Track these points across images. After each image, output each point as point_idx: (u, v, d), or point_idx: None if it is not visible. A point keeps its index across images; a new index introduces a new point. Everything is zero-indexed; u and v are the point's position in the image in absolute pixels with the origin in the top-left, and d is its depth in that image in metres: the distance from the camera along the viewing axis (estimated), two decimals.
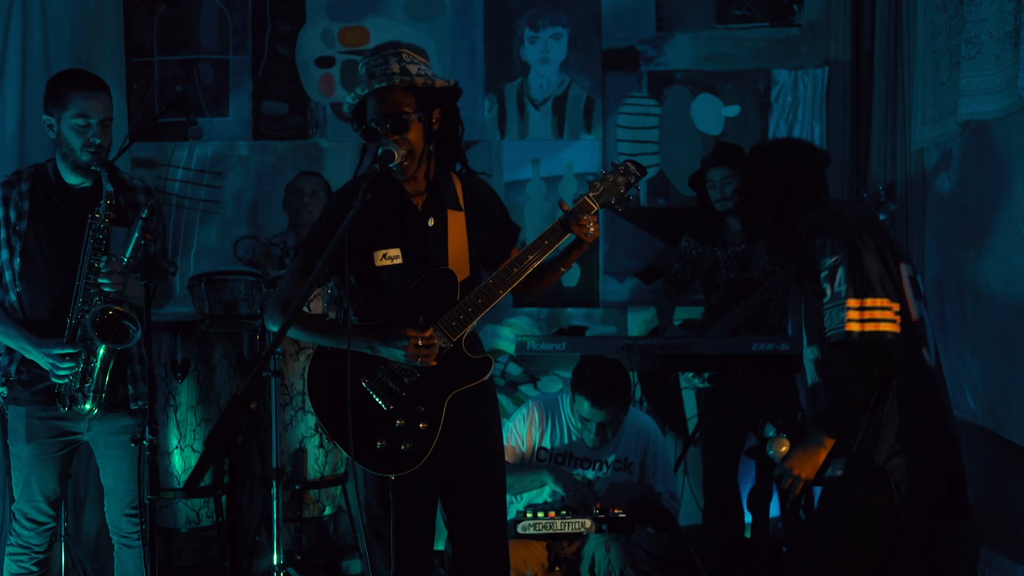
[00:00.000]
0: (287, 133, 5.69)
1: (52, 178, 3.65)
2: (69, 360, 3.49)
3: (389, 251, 3.03)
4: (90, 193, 3.63)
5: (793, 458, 3.09)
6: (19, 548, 3.66)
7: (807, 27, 5.60)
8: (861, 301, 2.99)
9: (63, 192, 3.63)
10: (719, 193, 4.82)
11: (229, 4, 5.66)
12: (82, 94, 3.55)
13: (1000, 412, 3.94)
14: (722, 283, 4.88)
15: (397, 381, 2.99)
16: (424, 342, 2.91)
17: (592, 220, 3.01)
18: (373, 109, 3.00)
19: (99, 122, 3.56)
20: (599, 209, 3.05)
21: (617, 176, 3.07)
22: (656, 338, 4.87)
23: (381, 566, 3.04)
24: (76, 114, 3.53)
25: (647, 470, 4.41)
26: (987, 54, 3.91)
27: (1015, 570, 3.94)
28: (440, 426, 2.96)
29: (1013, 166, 3.85)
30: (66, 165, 3.61)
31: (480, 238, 3.15)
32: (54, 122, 3.58)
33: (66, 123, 3.55)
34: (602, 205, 3.05)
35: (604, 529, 4.10)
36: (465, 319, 2.97)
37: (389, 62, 2.98)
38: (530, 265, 3.01)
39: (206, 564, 5.26)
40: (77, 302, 3.51)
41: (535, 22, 5.68)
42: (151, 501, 3.38)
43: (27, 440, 3.60)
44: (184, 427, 4.28)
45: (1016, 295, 3.81)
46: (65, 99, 3.55)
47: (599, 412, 4.24)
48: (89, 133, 3.54)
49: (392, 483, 2.95)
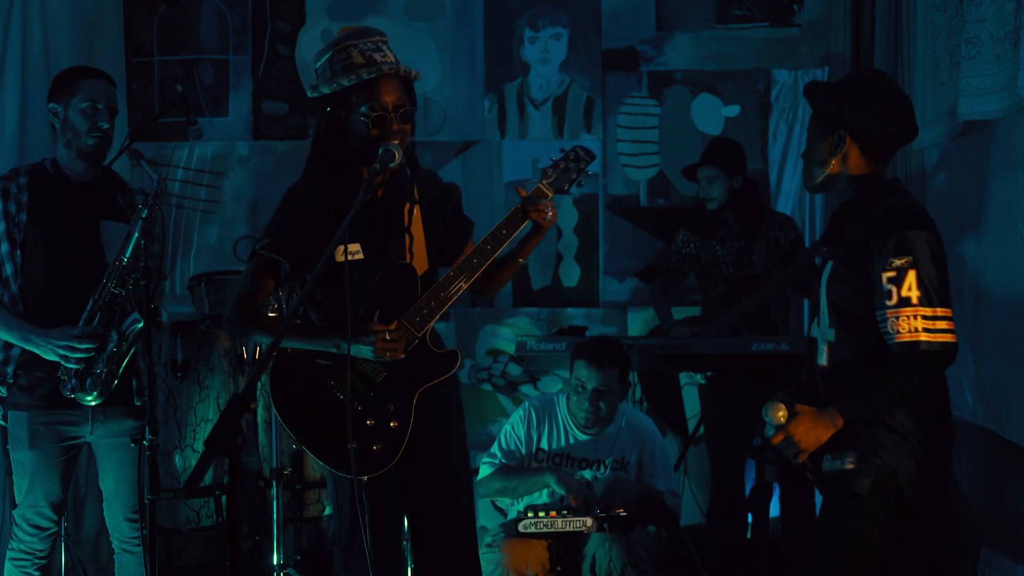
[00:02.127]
0: (287, 133, 5.68)
1: (51, 172, 3.65)
2: (87, 341, 3.49)
3: (350, 246, 2.92)
4: (88, 186, 3.64)
5: (799, 425, 2.96)
6: (21, 554, 3.63)
7: (807, 27, 5.60)
8: (933, 311, 2.88)
9: (63, 185, 3.64)
10: (704, 192, 4.84)
11: (229, 4, 5.66)
12: (91, 82, 3.63)
13: (1000, 412, 3.94)
14: (720, 279, 4.87)
15: (364, 380, 2.93)
16: (391, 336, 2.85)
17: (549, 205, 3.01)
18: (373, 95, 2.91)
19: (106, 107, 3.61)
20: (553, 196, 3.05)
21: (568, 162, 3.08)
22: (656, 338, 4.87)
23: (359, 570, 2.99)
24: (85, 98, 3.58)
25: (645, 469, 4.41)
26: (987, 54, 3.91)
27: (1015, 570, 3.94)
28: (411, 424, 2.91)
29: (1013, 166, 3.85)
30: (70, 152, 3.62)
31: (435, 232, 3.11)
32: (60, 109, 3.61)
33: (74, 108, 3.59)
34: (556, 191, 3.06)
35: (605, 528, 4.10)
36: (429, 313, 2.92)
37: (383, 51, 2.95)
38: (490, 255, 2.97)
39: (206, 564, 5.26)
40: (109, 285, 3.51)
41: (535, 22, 5.68)
42: (151, 501, 3.37)
43: (30, 446, 3.59)
44: (184, 427, 4.28)
45: (1016, 295, 3.81)
46: (75, 85, 3.61)
47: (596, 374, 4.24)
48: (97, 118, 3.58)
49: (364, 485, 2.88)
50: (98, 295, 3.52)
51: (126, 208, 3.64)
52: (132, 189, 3.72)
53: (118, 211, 3.65)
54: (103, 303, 3.52)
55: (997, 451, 3.99)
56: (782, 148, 5.55)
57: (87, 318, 3.52)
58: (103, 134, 3.60)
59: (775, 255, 4.82)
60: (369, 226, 2.98)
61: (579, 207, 5.66)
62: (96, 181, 3.68)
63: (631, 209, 5.68)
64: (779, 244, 4.85)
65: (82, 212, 3.61)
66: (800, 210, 5.54)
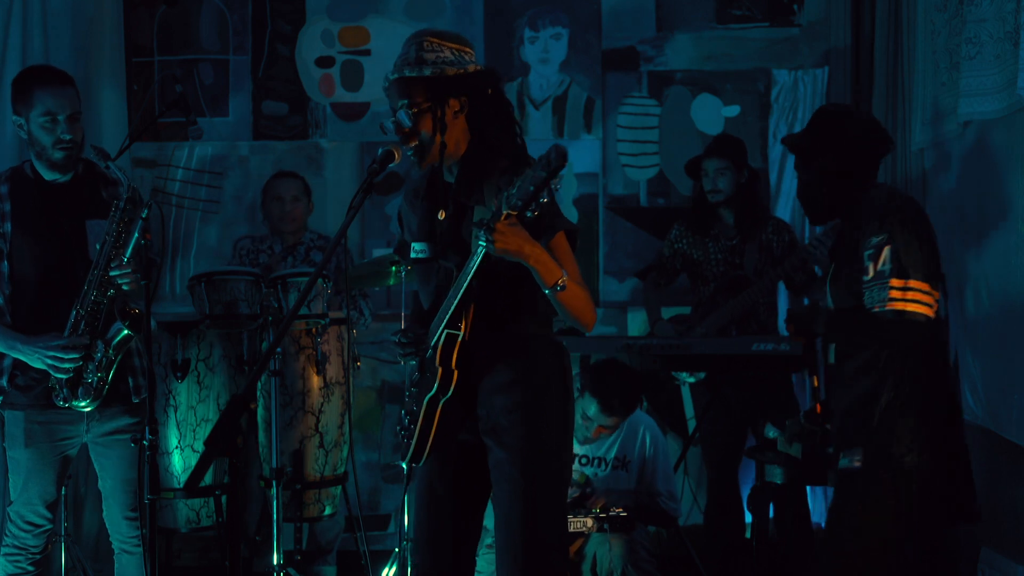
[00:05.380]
0: (287, 133, 5.69)
1: (31, 177, 3.62)
2: (73, 351, 3.48)
3: (416, 245, 3.00)
4: (68, 186, 3.62)
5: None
6: (14, 549, 3.65)
7: (807, 27, 5.60)
8: (904, 282, 3.01)
9: (44, 189, 3.61)
10: (711, 184, 4.80)
11: (229, 4, 5.66)
12: (46, 91, 3.51)
13: (1000, 412, 3.94)
14: (711, 277, 4.86)
15: (414, 378, 2.99)
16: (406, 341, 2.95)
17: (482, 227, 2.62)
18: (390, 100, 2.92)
19: (67, 118, 3.52)
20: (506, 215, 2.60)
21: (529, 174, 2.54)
22: (656, 338, 4.87)
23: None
24: (42, 112, 3.50)
25: (647, 469, 4.42)
26: (987, 54, 3.91)
27: (1015, 570, 3.94)
28: (418, 427, 2.87)
29: (1013, 166, 3.85)
30: (41, 163, 3.59)
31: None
32: (23, 122, 3.55)
33: (34, 122, 3.51)
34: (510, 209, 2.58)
35: (605, 528, 4.10)
36: (435, 328, 2.87)
37: (408, 52, 2.91)
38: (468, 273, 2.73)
39: (206, 564, 5.26)
40: (91, 295, 3.50)
41: (535, 22, 5.68)
42: (151, 501, 3.37)
43: (25, 445, 3.59)
44: (184, 427, 4.28)
45: (1016, 295, 3.81)
46: (30, 97, 3.51)
47: (605, 417, 4.28)
48: (58, 130, 3.51)
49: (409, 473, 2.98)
50: (80, 304, 3.51)
51: (110, 201, 3.59)
52: (114, 180, 3.62)
53: (102, 207, 3.60)
54: (86, 312, 3.51)
55: (997, 451, 3.99)
56: (782, 148, 5.55)
57: (72, 327, 3.51)
58: (68, 144, 3.53)
59: (767, 258, 4.80)
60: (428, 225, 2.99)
61: (579, 207, 5.66)
62: (76, 180, 3.63)
63: (631, 209, 5.68)
64: (772, 248, 4.84)
65: (67, 214, 3.59)
66: (800, 210, 5.52)
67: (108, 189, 3.66)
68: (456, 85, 2.87)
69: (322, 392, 4.33)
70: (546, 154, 2.50)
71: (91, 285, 3.50)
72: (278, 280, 4.23)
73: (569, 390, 2.96)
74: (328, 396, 4.34)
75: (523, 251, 2.65)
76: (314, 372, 4.32)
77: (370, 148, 5.60)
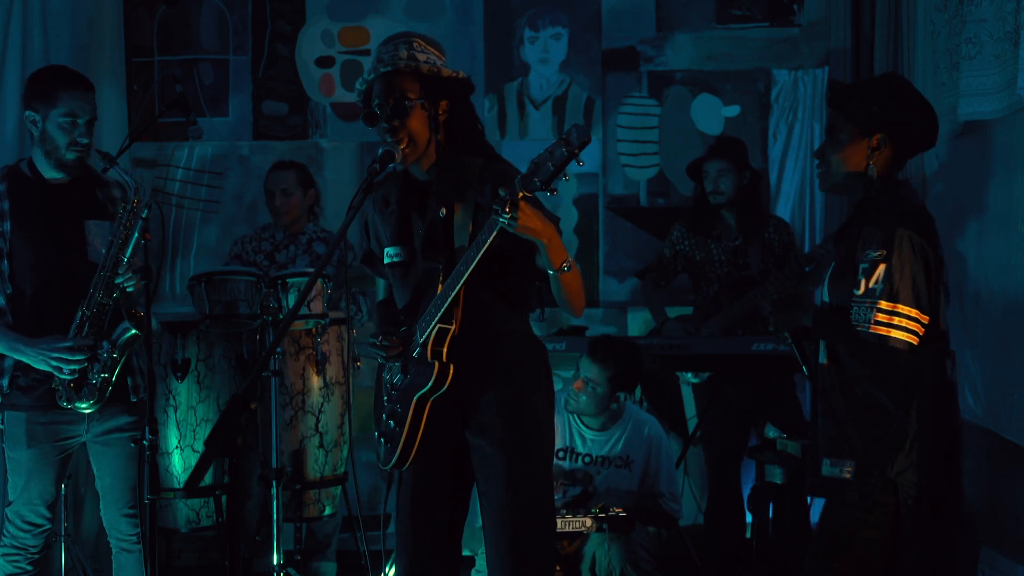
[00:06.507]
0: (287, 133, 5.69)
1: (30, 176, 3.61)
2: (79, 352, 3.48)
3: (389, 249, 3.01)
4: (67, 186, 3.62)
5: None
6: (13, 549, 3.64)
7: (807, 27, 5.61)
8: (893, 305, 2.88)
9: (43, 189, 3.61)
10: (713, 186, 4.80)
11: (229, 4, 5.66)
12: (72, 93, 3.53)
13: (1000, 412, 3.94)
14: (714, 278, 4.86)
15: (392, 383, 2.98)
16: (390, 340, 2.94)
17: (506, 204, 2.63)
18: (377, 93, 2.93)
19: (86, 122, 3.55)
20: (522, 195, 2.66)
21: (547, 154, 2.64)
22: (656, 338, 4.87)
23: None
24: (65, 112, 3.51)
25: (650, 469, 4.42)
26: (987, 54, 3.91)
27: (1015, 570, 3.93)
28: (406, 429, 2.86)
29: (1013, 166, 3.85)
30: (48, 162, 3.58)
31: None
32: (38, 118, 3.55)
33: (52, 120, 3.52)
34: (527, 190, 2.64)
35: (604, 528, 4.10)
36: (424, 325, 2.88)
37: (399, 49, 2.93)
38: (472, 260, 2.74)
39: (206, 564, 5.26)
40: (97, 296, 3.50)
41: (535, 22, 5.68)
42: (151, 501, 3.37)
43: (27, 445, 3.58)
44: (184, 427, 4.28)
45: (1016, 295, 3.81)
46: (54, 97, 3.52)
47: (591, 367, 4.28)
48: (76, 133, 3.53)
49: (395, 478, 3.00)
50: (86, 305, 3.51)
51: (106, 203, 3.61)
52: (108, 182, 3.67)
53: (99, 208, 3.62)
54: (92, 313, 3.51)
55: (997, 451, 3.99)
56: (782, 148, 5.56)
57: (77, 328, 3.51)
58: (83, 147, 3.54)
59: (770, 258, 4.81)
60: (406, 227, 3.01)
61: (579, 207, 5.66)
62: (74, 180, 3.63)
63: (631, 209, 5.68)
64: (773, 247, 4.84)
65: (66, 214, 3.58)
66: (800, 210, 5.55)
67: (102, 190, 3.67)
68: (447, 87, 2.93)
69: (322, 392, 4.33)
70: (566, 133, 2.55)
71: (97, 287, 3.50)
72: (278, 280, 4.24)
73: (551, 386, 3.03)
74: (328, 396, 4.35)
75: (541, 229, 2.69)
76: (314, 372, 4.32)
77: (370, 148, 5.60)
